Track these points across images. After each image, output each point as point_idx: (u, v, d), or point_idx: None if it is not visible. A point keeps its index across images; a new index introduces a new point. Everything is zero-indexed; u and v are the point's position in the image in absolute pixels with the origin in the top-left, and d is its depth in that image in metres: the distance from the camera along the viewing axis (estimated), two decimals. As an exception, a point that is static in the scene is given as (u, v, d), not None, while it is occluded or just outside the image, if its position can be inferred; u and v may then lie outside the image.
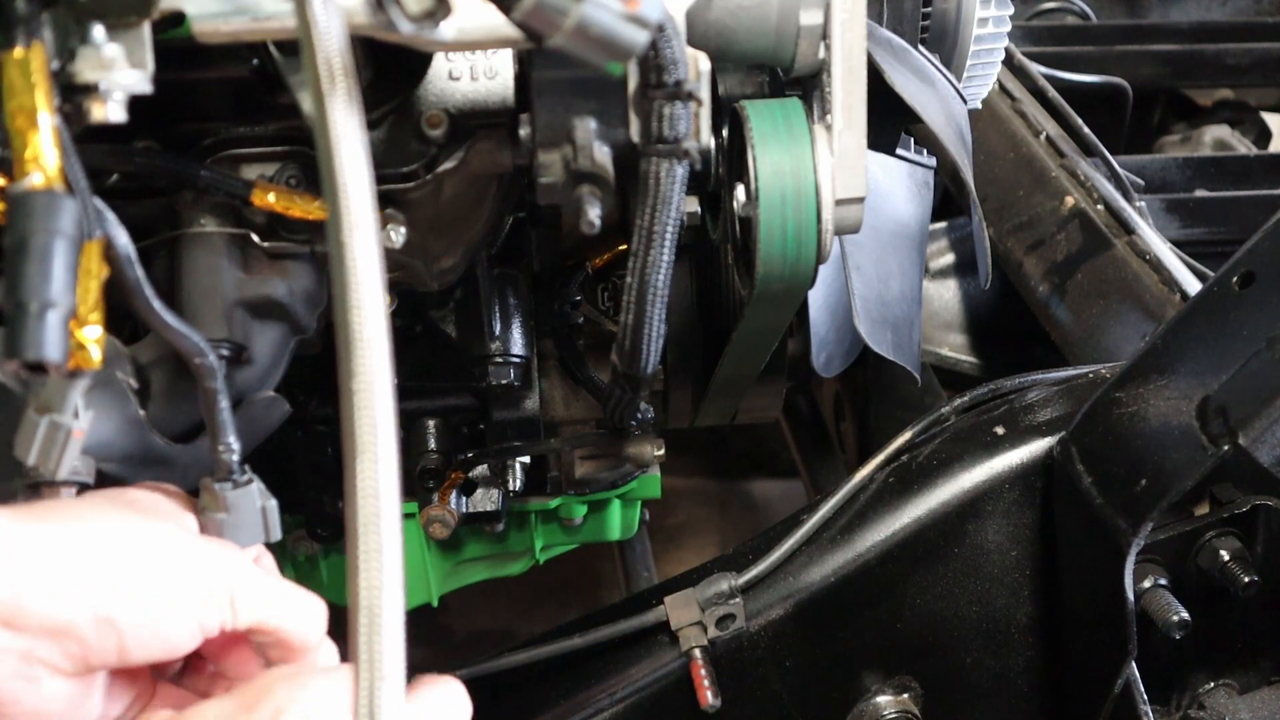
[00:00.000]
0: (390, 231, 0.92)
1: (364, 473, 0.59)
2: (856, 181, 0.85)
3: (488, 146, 0.92)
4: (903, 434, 1.08)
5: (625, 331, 0.90)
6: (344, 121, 0.61)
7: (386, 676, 0.57)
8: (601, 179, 0.87)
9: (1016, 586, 1.05)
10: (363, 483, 0.59)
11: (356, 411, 0.60)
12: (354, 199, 0.60)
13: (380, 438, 0.60)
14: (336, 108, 0.61)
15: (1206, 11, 2.34)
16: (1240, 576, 0.96)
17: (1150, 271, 1.34)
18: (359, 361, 0.60)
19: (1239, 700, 1.04)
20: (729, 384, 1.17)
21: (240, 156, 0.92)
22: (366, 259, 0.60)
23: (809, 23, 0.86)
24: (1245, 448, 0.87)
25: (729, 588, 1.03)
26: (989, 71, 1.09)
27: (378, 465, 0.59)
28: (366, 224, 0.60)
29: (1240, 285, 0.92)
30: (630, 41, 0.65)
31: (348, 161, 0.61)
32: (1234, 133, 2.01)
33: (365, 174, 0.61)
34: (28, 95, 0.66)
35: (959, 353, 1.69)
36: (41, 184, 0.66)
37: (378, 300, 0.61)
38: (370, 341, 0.61)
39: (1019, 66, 1.75)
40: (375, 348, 0.61)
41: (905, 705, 1.08)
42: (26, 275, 0.64)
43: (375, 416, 0.60)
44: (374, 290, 0.61)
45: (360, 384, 0.60)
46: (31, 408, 0.68)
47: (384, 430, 0.60)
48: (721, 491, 2.33)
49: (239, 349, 0.94)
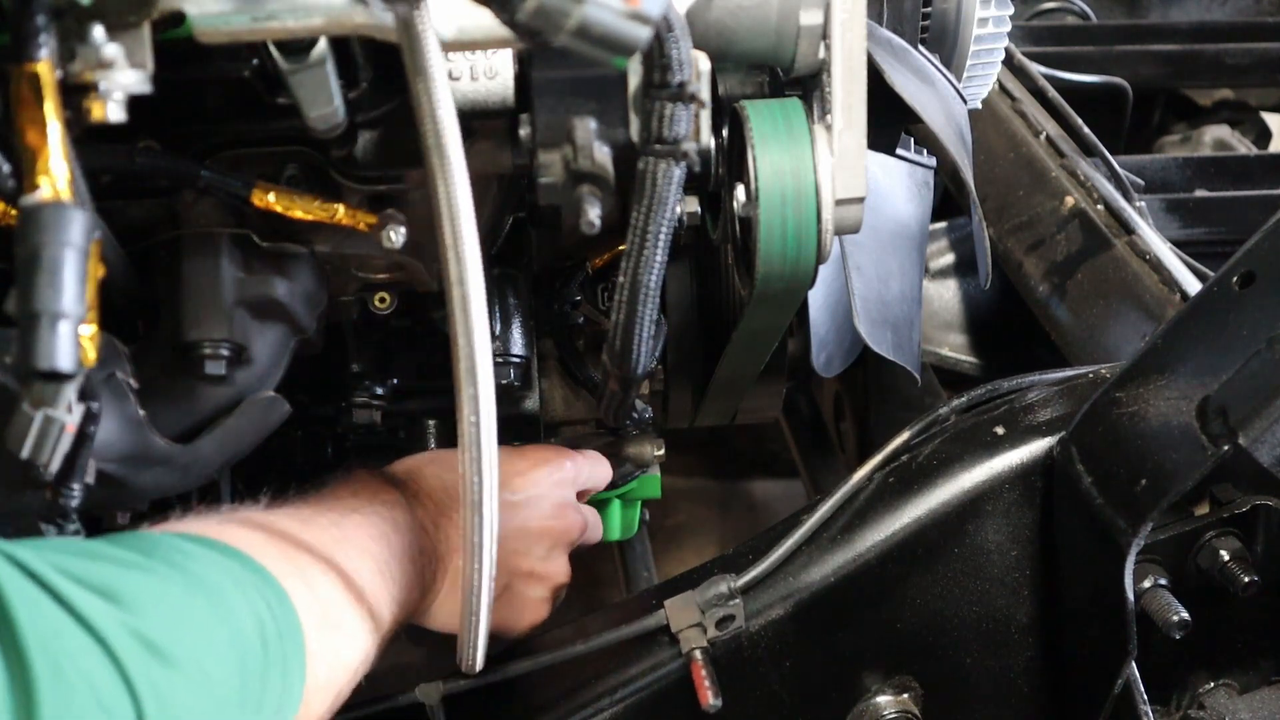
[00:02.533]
0: (390, 231, 0.92)
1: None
2: (856, 181, 0.85)
3: (488, 146, 0.92)
4: (902, 434, 1.08)
5: (616, 331, 0.90)
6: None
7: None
8: (601, 179, 0.87)
9: (1016, 586, 1.05)
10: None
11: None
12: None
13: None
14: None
15: (1206, 11, 2.33)
16: (1240, 576, 0.96)
17: (1150, 271, 1.34)
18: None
19: (1239, 700, 1.04)
20: (729, 384, 1.17)
21: (240, 156, 0.92)
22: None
23: (809, 23, 0.86)
24: (1245, 448, 0.87)
25: (728, 589, 1.03)
26: (989, 71, 1.09)
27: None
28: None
29: (1240, 285, 0.92)
30: (633, 38, 0.65)
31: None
32: (1234, 133, 2.01)
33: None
34: (38, 108, 0.67)
35: (959, 353, 1.69)
36: (51, 197, 0.66)
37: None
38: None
39: (1019, 66, 1.75)
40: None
41: (905, 705, 1.08)
42: (38, 286, 0.65)
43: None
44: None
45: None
46: (26, 402, 0.68)
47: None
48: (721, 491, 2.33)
49: (239, 349, 0.94)
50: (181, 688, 0.66)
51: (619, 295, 0.88)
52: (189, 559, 0.75)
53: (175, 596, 0.71)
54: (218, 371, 0.93)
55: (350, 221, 0.92)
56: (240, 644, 0.73)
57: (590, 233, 0.89)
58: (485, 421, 0.79)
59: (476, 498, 0.81)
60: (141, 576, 0.69)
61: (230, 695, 0.71)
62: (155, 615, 0.67)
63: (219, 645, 0.71)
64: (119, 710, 0.62)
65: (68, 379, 0.67)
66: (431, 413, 1.21)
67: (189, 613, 0.71)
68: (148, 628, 0.65)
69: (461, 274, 0.75)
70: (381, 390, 1.18)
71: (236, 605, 0.74)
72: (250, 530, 0.85)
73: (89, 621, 0.62)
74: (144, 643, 0.64)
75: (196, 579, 0.73)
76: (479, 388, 0.78)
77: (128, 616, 0.65)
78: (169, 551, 0.75)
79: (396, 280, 1.03)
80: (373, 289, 1.04)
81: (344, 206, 0.92)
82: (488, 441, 0.79)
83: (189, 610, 0.71)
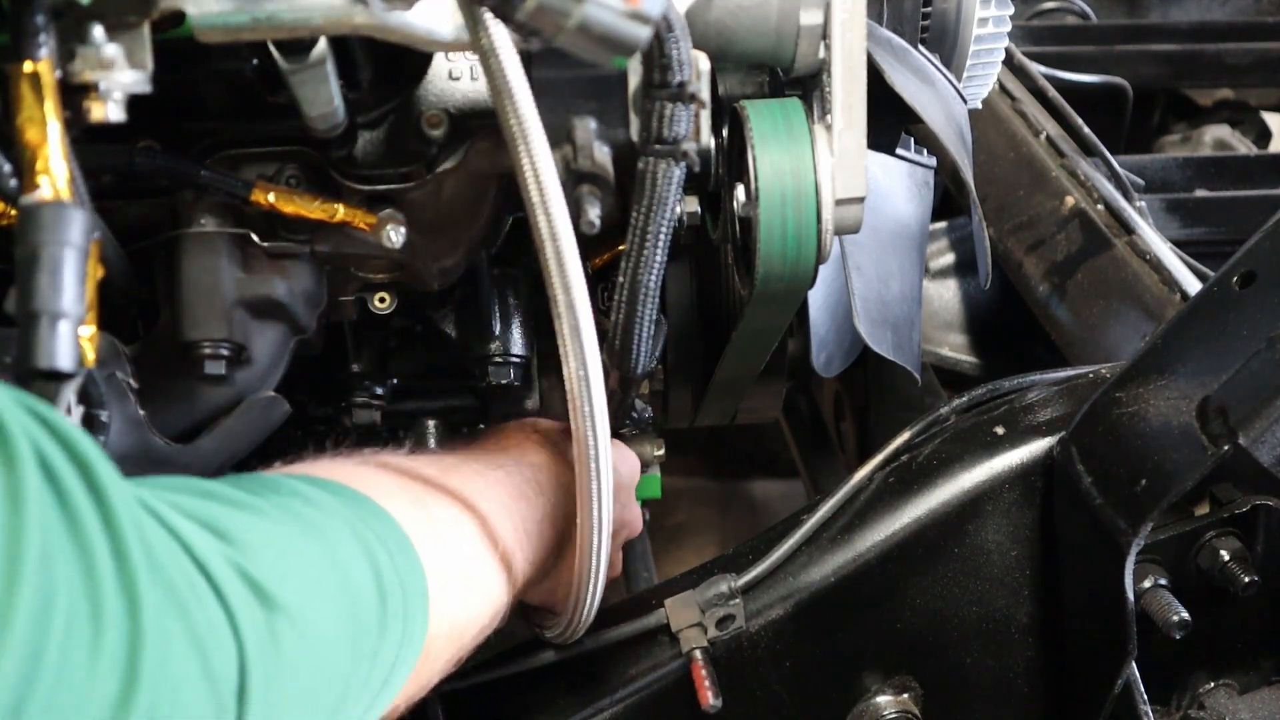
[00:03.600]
0: (390, 231, 0.92)
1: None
2: (856, 181, 0.85)
3: (488, 146, 0.92)
4: (902, 434, 1.08)
5: (616, 331, 0.90)
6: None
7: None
8: (601, 179, 0.87)
9: (1016, 586, 1.05)
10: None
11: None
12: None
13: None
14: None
15: (1207, 11, 2.33)
16: (1240, 576, 0.96)
17: (1150, 271, 1.34)
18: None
19: (1239, 700, 1.04)
20: (729, 384, 1.17)
21: (240, 156, 0.92)
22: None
23: (809, 23, 0.86)
24: (1245, 448, 0.87)
25: (729, 589, 1.03)
26: (989, 71, 1.09)
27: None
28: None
29: (1240, 285, 0.92)
30: (633, 37, 0.65)
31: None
32: (1234, 132, 2.01)
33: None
34: (38, 108, 0.67)
35: (959, 353, 1.69)
36: (51, 196, 0.66)
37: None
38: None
39: (1019, 66, 1.75)
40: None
41: (905, 705, 1.08)
42: (39, 286, 0.65)
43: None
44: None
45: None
46: None
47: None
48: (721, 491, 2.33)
49: (239, 349, 0.94)
50: (286, 630, 0.65)
51: (619, 295, 0.88)
52: (306, 503, 0.74)
53: (285, 540, 0.69)
54: (218, 371, 0.93)
55: (350, 221, 0.92)
56: (352, 593, 0.72)
57: (590, 232, 0.89)
58: (593, 377, 0.80)
59: (594, 461, 0.83)
60: (252, 518, 0.68)
61: (338, 643, 0.69)
62: (264, 557, 0.66)
63: (328, 592, 0.70)
64: (221, 645, 0.61)
65: (68, 378, 0.67)
66: (432, 413, 1.21)
67: (298, 557, 0.69)
68: (255, 568, 0.64)
69: (553, 229, 0.76)
70: (381, 390, 1.18)
71: (351, 553, 0.73)
72: (384, 474, 0.85)
73: (198, 556, 0.61)
74: (250, 582, 0.63)
75: (310, 524, 0.72)
76: (584, 343, 0.79)
77: (236, 554, 0.64)
78: (287, 494, 0.74)
79: (396, 280, 1.03)
80: (373, 289, 1.04)
81: (344, 206, 0.92)
82: (597, 391, 0.81)
83: (299, 554, 0.70)
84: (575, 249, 0.76)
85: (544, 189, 0.75)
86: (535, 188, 0.75)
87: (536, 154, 0.74)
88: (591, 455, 0.83)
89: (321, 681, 0.68)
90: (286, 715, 0.65)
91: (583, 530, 0.87)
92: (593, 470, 0.83)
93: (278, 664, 0.64)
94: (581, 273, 0.77)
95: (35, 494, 0.51)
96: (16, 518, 0.50)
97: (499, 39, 0.71)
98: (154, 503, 0.62)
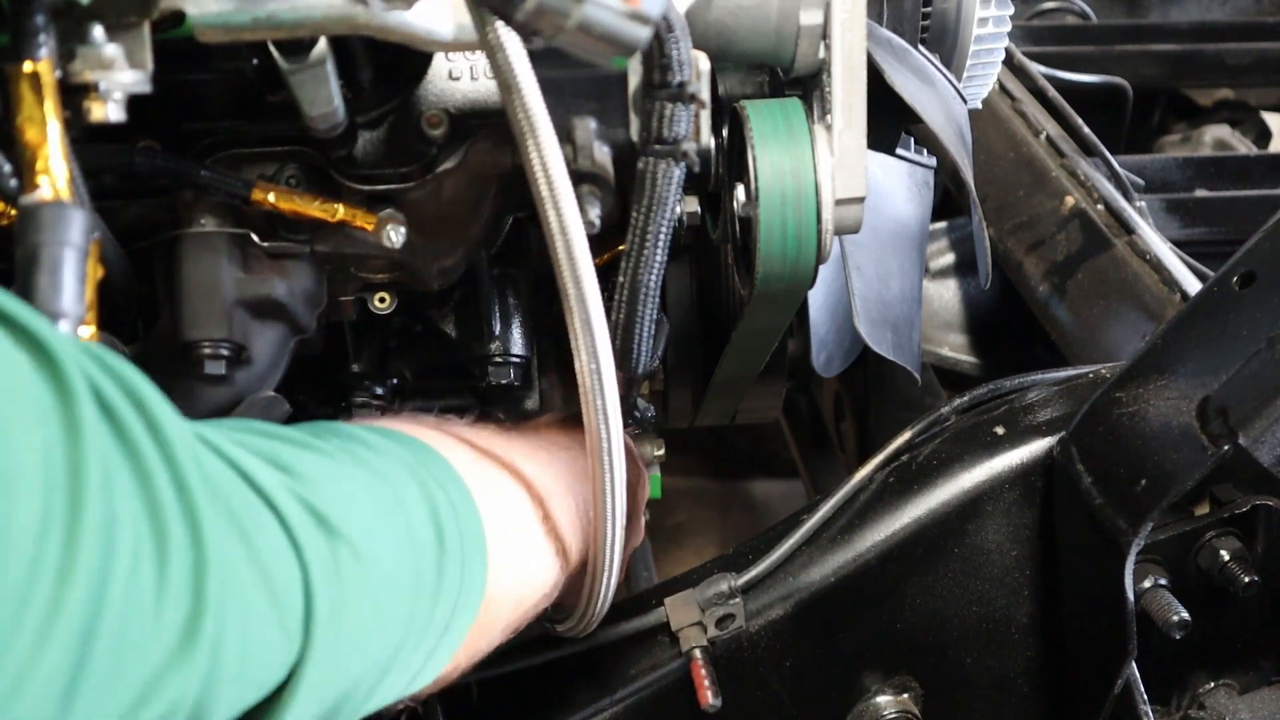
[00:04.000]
0: (390, 231, 0.92)
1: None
2: (856, 181, 0.85)
3: (487, 146, 0.92)
4: (903, 434, 1.08)
5: (616, 330, 0.90)
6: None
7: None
8: (601, 179, 0.87)
9: (1017, 586, 1.05)
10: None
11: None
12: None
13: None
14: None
15: (1207, 11, 2.33)
16: (1240, 576, 0.96)
17: (1150, 271, 1.34)
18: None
19: (1239, 700, 1.04)
20: (729, 384, 1.17)
21: (240, 156, 0.92)
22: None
23: (809, 23, 0.86)
24: (1245, 448, 0.87)
25: (729, 588, 1.03)
26: (989, 71, 1.09)
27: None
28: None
29: (1240, 285, 0.92)
30: (632, 38, 0.65)
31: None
32: (1234, 132, 2.01)
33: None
34: (38, 108, 0.67)
35: (959, 353, 1.69)
36: (51, 196, 0.66)
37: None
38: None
39: (1019, 66, 1.75)
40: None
41: (905, 705, 1.08)
42: (38, 285, 0.65)
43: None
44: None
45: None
46: None
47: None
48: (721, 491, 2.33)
49: (239, 349, 0.94)
50: (349, 560, 0.65)
51: (619, 295, 0.88)
52: (368, 448, 0.75)
53: (347, 476, 0.70)
54: (217, 371, 0.93)
55: (350, 221, 0.92)
56: (412, 532, 0.72)
57: (590, 232, 0.89)
58: (605, 370, 0.80)
59: (606, 451, 0.83)
60: (315, 456, 0.69)
61: (401, 578, 0.70)
62: (325, 489, 0.66)
63: (389, 528, 0.70)
64: (287, 571, 0.61)
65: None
66: (431, 412, 1.21)
67: (360, 493, 0.70)
68: (318, 499, 0.64)
69: (563, 224, 0.76)
70: (381, 390, 1.18)
71: (411, 494, 0.74)
72: (447, 435, 0.86)
73: (260, 485, 0.61)
74: (313, 512, 0.64)
75: (371, 465, 0.73)
76: (596, 338, 0.79)
77: (298, 485, 0.64)
78: (348, 439, 0.75)
79: (396, 280, 1.03)
80: (373, 289, 1.04)
81: (344, 206, 0.92)
82: (609, 385, 0.81)
83: (360, 489, 0.70)
84: (585, 243, 0.76)
85: (553, 184, 0.75)
86: (545, 183, 0.75)
87: (545, 148, 0.74)
88: (605, 449, 0.83)
89: (384, 615, 0.69)
90: (350, 646, 0.66)
91: (597, 522, 0.87)
92: (606, 463, 0.83)
93: (341, 592, 0.64)
94: (592, 266, 0.77)
95: (92, 426, 0.51)
96: (76, 448, 0.50)
97: (505, 33, 0.71)
98: (214, 438, 0.62)
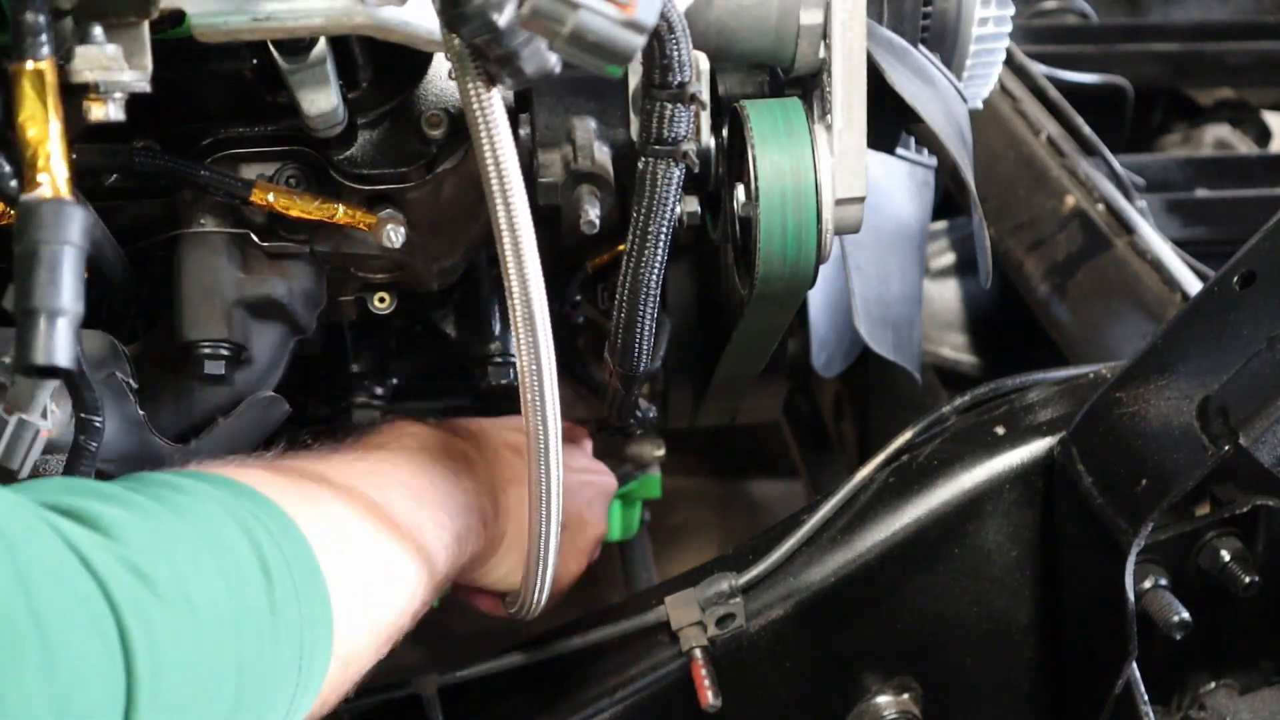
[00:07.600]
0: (390, 231, 0.92)
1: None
2: (856, 181, 0.85)
3: (487, 147, 0.92)
4: (903, 434, 1.08)
5: (617, 330, 0.90)
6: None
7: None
8: (601, 179, 0.87)
9: (1017, 586, 1.05)
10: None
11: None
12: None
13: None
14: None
15: (1207, 11, 2.33)
16: (1241, 576, 0.95)
17: (1151, 271, 1.34)
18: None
19: (1240, 700, 1.04)
20: (729, 384, 1.17)
21: (240, 156, 0.92)
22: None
23: (809, 22, 0.86)
24: (1246, 448, 0.87)
25: (729, 588, 1.03)
26: (990, 71, 1.09)
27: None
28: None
29: (1240, 285, 0.92)
30: (627, 46, 0.65)
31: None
32: (1235, 132, 2.01)
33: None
34: (39, 107, 0.67)
35: (959, 353, 1.69)
36: (51, 195, 0.66)
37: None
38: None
39: (1020, 66, 1.75)
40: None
41: (905, 705, 1.08)
42: (37, 283, 0.65)
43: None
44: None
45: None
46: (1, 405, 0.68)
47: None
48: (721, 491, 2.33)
49: (239, 349, 0.94)
50: (161, 613, 0.64)
51: (619, 295, 0.88)
52: (178, 491, 0.74)
53: (156, 525, 0.69)
54: (217, 371, 0.93)
55: (350, 221, 0.92)
56: (232, 571, 0.71)
57: (590, 232, 0.89)
58: (545, 366, 0.80)
59: (542, 442, 0.83)
60: (120, 509, 0.68)
61: (221, 621, 0.69)
62: (136, 542, 0.66)
63: (205, 572, 0.69)
64: (104, 629, 0.61)
65: (66, 375, 0.67)
66: (431, 413, 1.21)
67: (171, 540, 0.69)
68: (131, 554, 0.64)
69: (511, 220, 0.74)
70: (381, 390, 1.18)
71: (227, 533, 0.73)
72: (259, 468, 0.84)
73: (75, 545, 0.62)
74: (129, 567, 0.64)
75: (182, 509, 0.72)
76: (538, 334, 0.78)
77: (110, 543, 0.64)
78: (157, 486, 0.74)
79: (396, 280, 1.03)
80: (373, 289, 1.04)
81: (344, 206, 0.92)
82: (549, 384, 0.81)
83: (171, 538, 0.69)
84: (532, 236, 0.75)
85: (504, 174, 0.72)
86: (496, 175, 0.73)
87: (498, 140, 0.72)
88: (541, 450, 0.83)
89: (209, 657, 0.68)
90: (179, 689, 0.65)
91: (532, 516, 0.87)
92: (541, 463, 0.83)
93: (158, 639, 0.64)
94: (538, 261, 0.76)
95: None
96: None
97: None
98: (24, 501, 0.62)
